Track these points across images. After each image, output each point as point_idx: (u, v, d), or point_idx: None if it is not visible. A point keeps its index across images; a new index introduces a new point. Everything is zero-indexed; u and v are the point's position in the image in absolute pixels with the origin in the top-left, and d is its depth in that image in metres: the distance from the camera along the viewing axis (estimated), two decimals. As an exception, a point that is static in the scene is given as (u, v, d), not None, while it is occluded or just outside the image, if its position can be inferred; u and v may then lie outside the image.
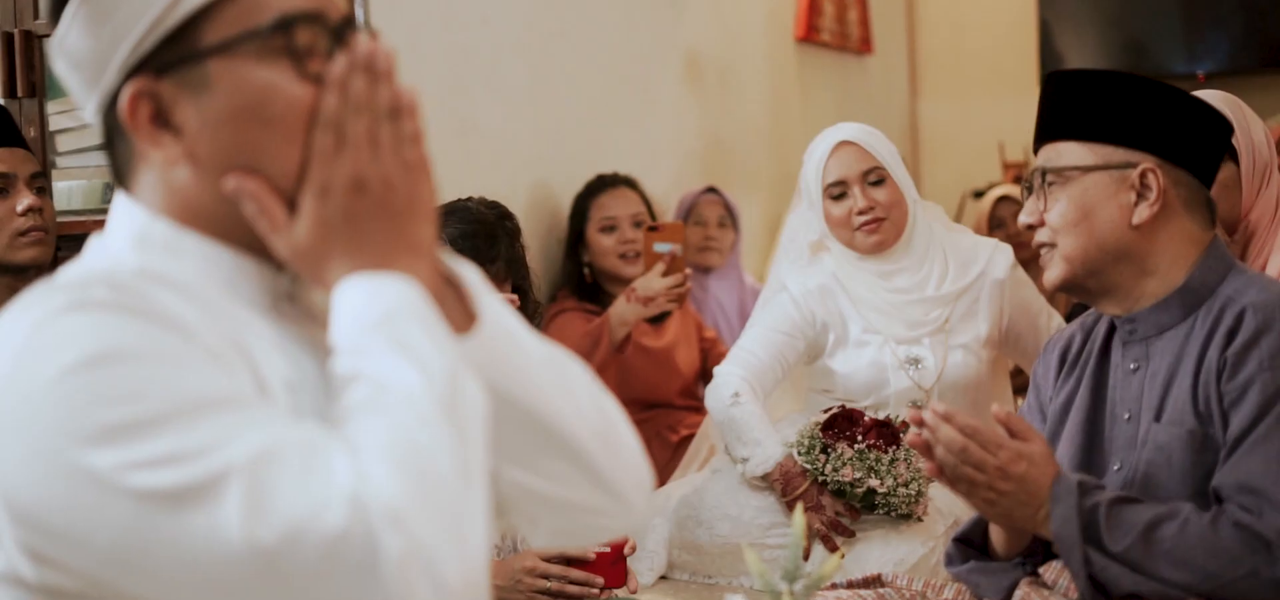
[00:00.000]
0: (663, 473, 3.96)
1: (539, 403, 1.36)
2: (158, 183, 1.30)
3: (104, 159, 1.37)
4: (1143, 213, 2.14)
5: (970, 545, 2.25)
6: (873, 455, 3.14)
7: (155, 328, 1.16)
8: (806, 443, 3.23)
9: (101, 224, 1.37)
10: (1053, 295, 4.99)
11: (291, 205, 1.27)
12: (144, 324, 1.16)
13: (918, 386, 3.39)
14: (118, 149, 1.33)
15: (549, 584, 2.74)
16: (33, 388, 1.14)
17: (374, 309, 1.22)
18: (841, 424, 3.20)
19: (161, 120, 1.28)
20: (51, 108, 3.64)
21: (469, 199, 3.22)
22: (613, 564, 2.76)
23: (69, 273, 1.28)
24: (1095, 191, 2.16)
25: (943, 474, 2.07)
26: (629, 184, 4.38)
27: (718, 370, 3.46)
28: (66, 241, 3.29)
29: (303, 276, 1.28)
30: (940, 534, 3.23)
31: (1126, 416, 2.17)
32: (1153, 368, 2.16)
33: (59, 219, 3.31)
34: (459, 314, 1.33)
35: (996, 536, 2.22)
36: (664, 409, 4.25)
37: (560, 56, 4.65)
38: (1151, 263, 2.16)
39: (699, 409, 4.26)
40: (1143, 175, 2.14)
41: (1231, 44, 7.12)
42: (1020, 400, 3.02)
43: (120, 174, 1.34)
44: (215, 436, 1.11)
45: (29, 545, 1.16)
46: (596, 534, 1.47)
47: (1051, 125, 2.21)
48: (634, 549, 2.89)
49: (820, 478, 3.18)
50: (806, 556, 3.17)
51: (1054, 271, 2.21)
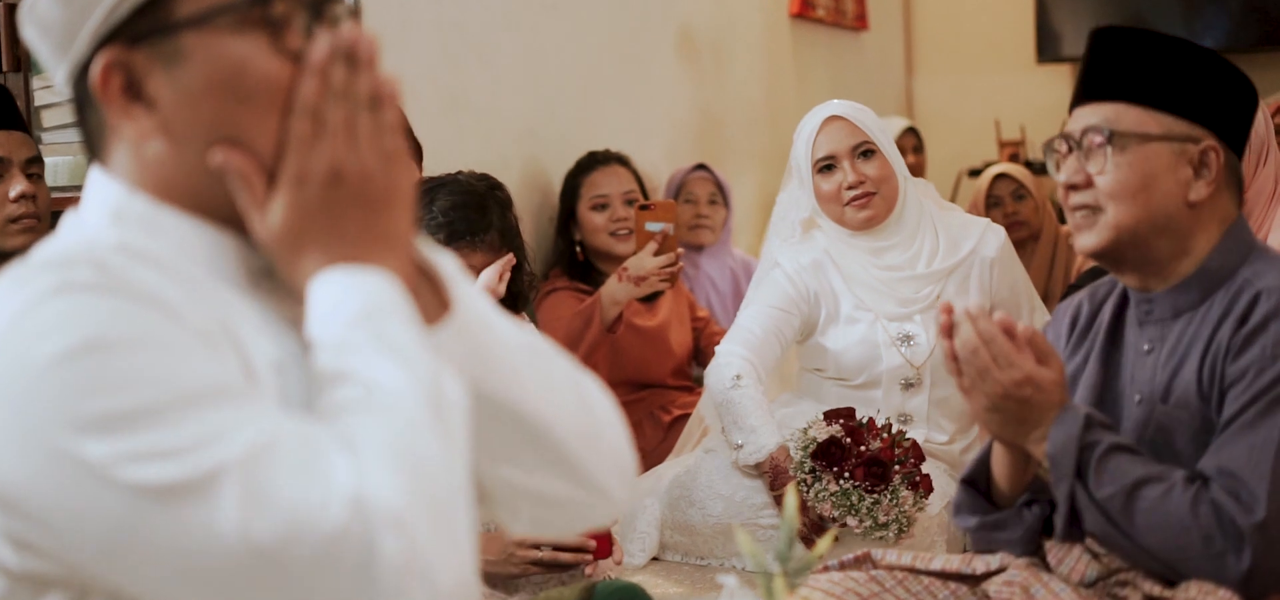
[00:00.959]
0: (655, 453, 3.96)
1: (516, 395, 1.35)
2: (131, 156, 1.29)
3: (86, 150, 1.36)
4: (1200, 191, 2.09)
5: (975, 488, 2.24)
6: (856, 495, 3.11)
7: (144, 310, 1.15)
8: (798, 454, 3.21)
9: (86, 200, 1.36)
10: (1055, 263, 5.01)
11: (271, 180, 1.26)
12: (132, 307, 1.15)
13: (909, 363, 3.39)
14: (89, 119, 1.31)
15: (540, 554, 2.74)
16: (22, 375, 1.12)
17: (353, 303, 1.21)
18: (834, 452, 3.16)
19: (134, 92, 1.26)
20: (36, 82, 3.62)
21: (459, 173, 3.22)
22: (600, 535, 2.78)
23: (47, 251, 1.26)
24: (1156, 162, 2.08)
25: (956, 366, 2.06)
26: (621, 161, 4.38)
27: (719, 349, 3.46)
28: (54, 218, 3.28)
29: (277, 264, 1.27)
30: (934, 513, 3.24)
31: (1137, 399, 2.15)
32: (1167, 350, 2.13)
33: (43, 195, 3.29)
34: (433, 304, 1.32)
35: (999, 469, 2.20)
36: (656, 389, 4.25)
37: (552, 30, 4.64)
38: (1191, 242, 2.11)
39: (691, 389, 4.26)
40: (1204, 153, 2.09)
41: (1230, 21, 7.12)
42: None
43: (92, 145, 1.33)
44: (211, 429, 1.11)
45: (13, 532, 1.15)
46: (577, 524, 1.47)
47: (1107, 84, 2.12)
48: (617, 521, 2.90)
49: (803, 491, 3.17)
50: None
51: (1095, 237, 2.12)
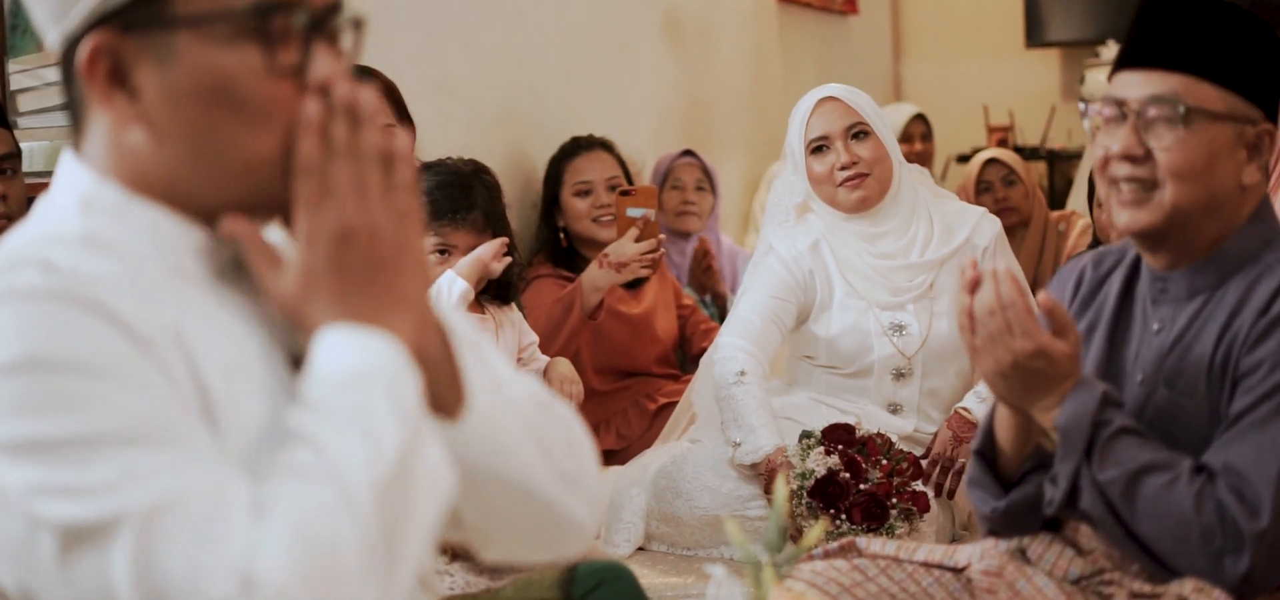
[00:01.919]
0: (641, 442, 3.97)
1: (517, 471, 1.37)
2: (107, 140, 1.29)
3: (66, 118, 1.36)
4: (1253, 174, 2.04)
5: (986, 462, 2.19)
6: (849, 528, 3.09)
7: (83, 325, 1.16)
8: (796, 482, 3.18)
9: (62, 186, 1.36)
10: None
11: (259, 199, 1.28)
12: (72, 320, 1.16)
13: (900, 353, 3.39)
14: (73, 90, 1.32)
15: None
16: None
17: (346, 365, 1.21)
18: (832, 493, 3.13)
19: (118, 78, 1.26)
20: (13, 66, 3.61)
21: (447, 158, 3.22)
22: None
23: (6, 243, 1.27)
24: (1221, 141, 2.01)
25: (971, 324, 2.02)
26: (604, 146, 4.37)
27: (721, 340, 3.46)
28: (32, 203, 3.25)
29: (289, 323, 1.28)
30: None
31: (1139, 379, 2.12)
32: (1177, 332, 2.09)
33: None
34: (449, 383, 1.33)
35: (1002, 432, 2.15)
36: (642, 378, 4.25)
37: (536, 14, 4.63)
38: (1231, 225, 2.06)
39: (677, 377, 4.26)
40: (1260, 136, 2.03)
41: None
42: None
43: (72, 116, 1.33)
44: (122, 473, 1.12)
45: None
46: (548, 555, 1.50)
47: (1174, 52, 2.03)
48: None
49: (792, 506, 3.16)
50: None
51: (1147, 215, 2.04)
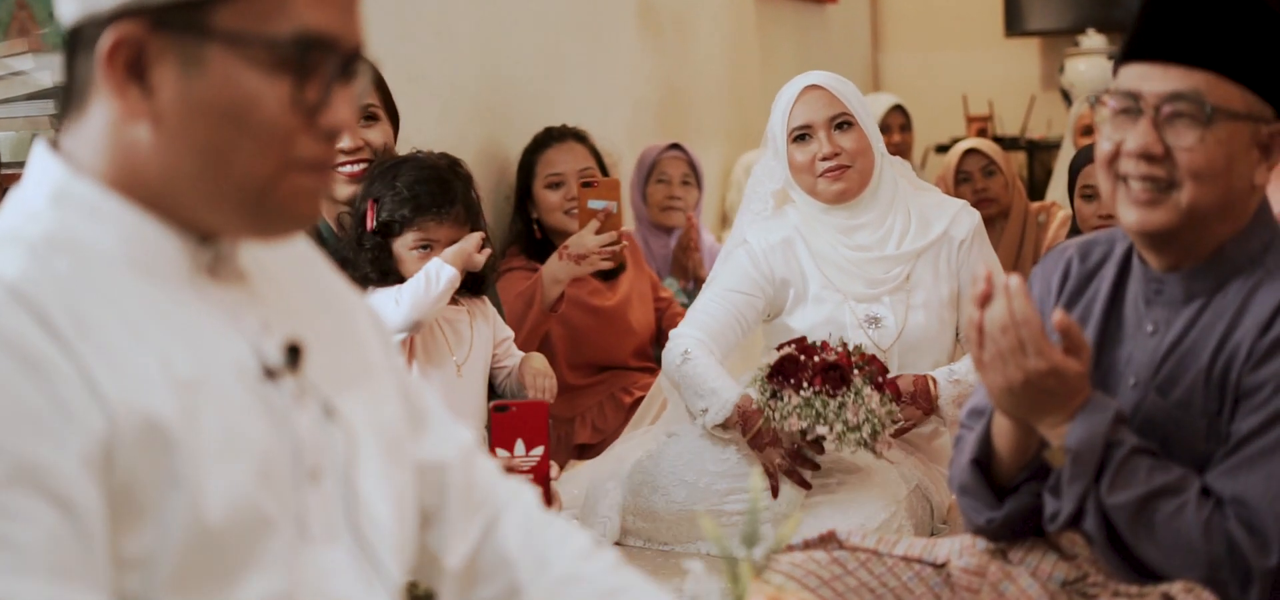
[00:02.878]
0: (616, 437, 3.95)
1: None
2: (106, 130, 1.29)
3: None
4: (1264, 174, 1.99)
5: (983, 473, 2.15)
6: (819, 401, 3.12)
7: (27, 401, 1.16)
8: (756, 387, 3.23)
9: (30, 178, 1.35)
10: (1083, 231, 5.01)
11: (240, 217, 1.30)
12: (17, 393, 1.15)
13: (876, 346, 3.39)
14: (79, 70, 1.31)
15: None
16: None
17: None
18: (789, 368, 3.19)
19: (136, 71, 1.26)
20: (-22, 56, 3.59)
21: (418, 151, 3.22)
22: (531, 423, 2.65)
23: None
24: (1239, 141, 1.96)
25: (979, 338, 1.98)
26: (577, 137, 4.36)
27: (672, 333, 3.47)
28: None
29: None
30: (902, 498, 3.25)
31: (1132, 382, 2.09)
32: (1173, 336, 2.06)
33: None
34: None
35: (1002, 443, 2.11)
36: (617, 371, 4.25)
37: (510, 3, 4.62)
38: (1240, 225, 2.02)
39: (654, 370, 4.25)
40: (1273, 136, 1.99)
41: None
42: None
43: (70, 92, 1.33)
44: None
45: None
46: None
47: (1195, 48, 1.96)
48: (557, 476, 2.94)
49: (771, 422, 3.19)
50: (775, 494, 3.19)
51: (1162, 216, 1.99)
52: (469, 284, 3.22)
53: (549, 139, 4.33)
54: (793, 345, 3.20)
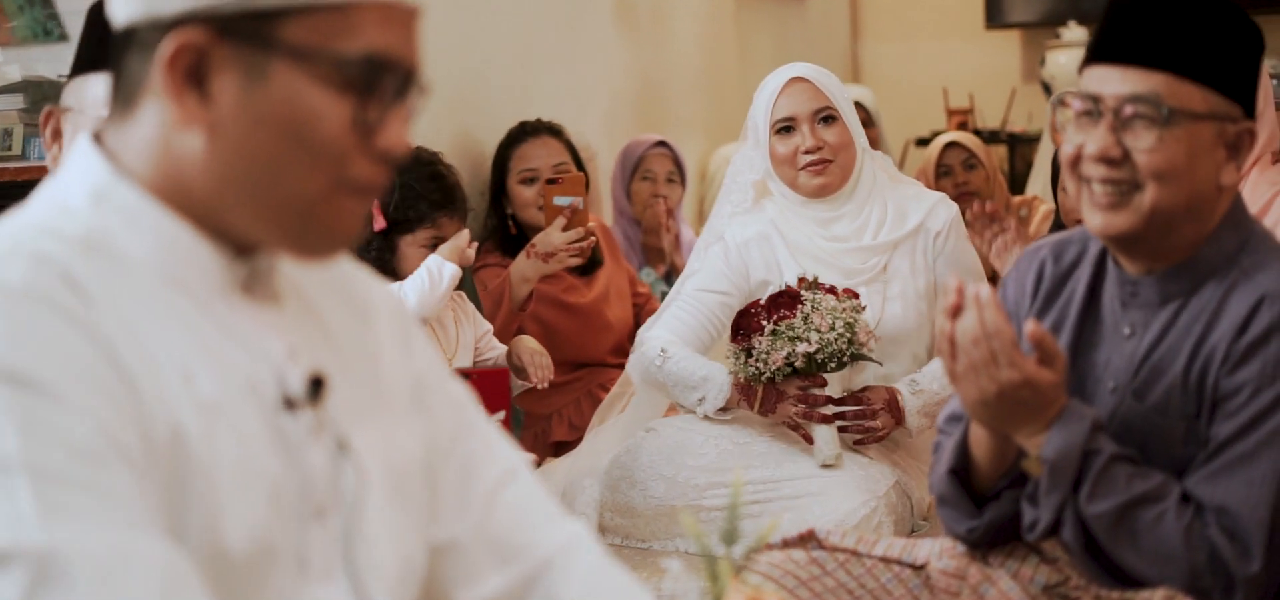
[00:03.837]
0: (593, 434, 3.96)
1: None
2: (153, 133, 1.28)
3: (111, 92, 1.34)
4: (1232, 175, 2.00)
5: (960, 482, 2.15)
6: (784, 326, 3.20)
7: (51, 337, 1.16)
8: (731, 361, 3.30)
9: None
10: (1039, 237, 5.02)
11: (283, 232, 1.29)
12: (43, 328, 1.16)
13: (854, 338, 3.41)
14: (133, 69, 1.30)
15: None
16: None
17: None
18: (743, 322, 3.27)
19: (196, 77, 1.25)
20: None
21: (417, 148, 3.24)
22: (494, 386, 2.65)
23: (7, 222, 1.27)
24: (1199, 141, 1.96)
25: (951, 350, 1.98)
26: (553, 132, 4.35)
27: (643, 334, 3.48)
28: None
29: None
30: (882, 493, 3.25)
31: (1111, 387, 2.09)
32: (1150, 339, 2.06)
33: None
34: None
35: (980, 453, 2.12)
36: (594, 368, 4.25)
37: (485, -5, 4.62)
38: (1207, 226, 2.02)
39: (632, 366, 4.25)
40: (1240, 135, 2.00)
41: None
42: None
43: (119, 89, 1.31)
44: (33, 507, 1.11)
45: None
46: None
47: (1152, 49, 1.97)
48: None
49: (761, 378, 3.24)
50: (810, 442, 3.27)
51: (1127, 219, 1.99)
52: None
53: (524, 133, 4.32)
54: (738, 315, 3.33)
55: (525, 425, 4.01)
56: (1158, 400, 2.03)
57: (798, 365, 3.22)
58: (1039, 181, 6.06)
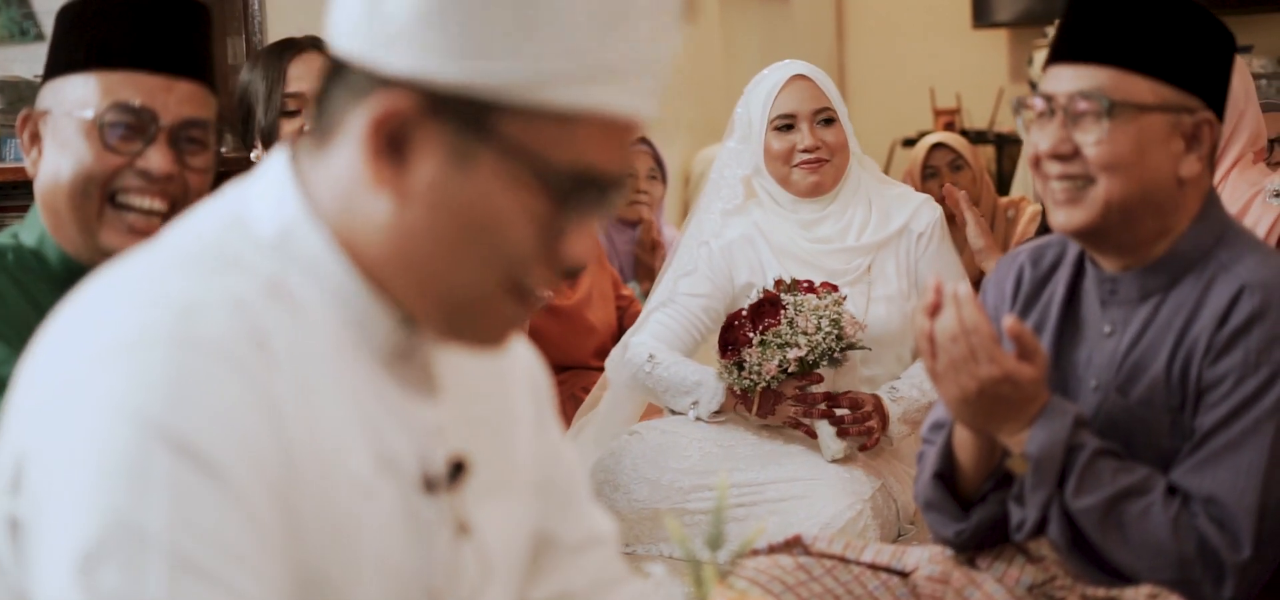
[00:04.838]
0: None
1: None
2: (343, 179, 1.24)
3: (312, 118, 1.29)
4: (1192, 166, 2.02)
5: (946, 485, 2.16)
6: (771, 334, 3.22)
7: (232, 406, 1.13)
8: (723, 375, 3.32)
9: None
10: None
11: (444, 321, 1.26)
12: (225, 395, 1.13)
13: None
14: (336, 105, 1.25)
15: None
16: (96, 415, 1.12)
17: None
18: (729, 336, 3.29)
19: (396, 143, 1.20)
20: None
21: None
22: None
23: (202, 246, 1.24)
24: (1151, 133, 2.00)
25: (930, 348, 2.00)
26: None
27: (628, 339, 3.49)
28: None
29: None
30: (868, 496, 3.25)
31: (1093, 385, 2.11)
32: (1130, 336, 2.08)
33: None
34: None
35: (964, 455, 2.13)
36: (577, 371, 4.25)
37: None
38: (1173, 219, 2.04)
39: (616, 370, 4.26)
40: (1198, 126, 2.02)
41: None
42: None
43: (323, 125, 1.26)
44: (163, 595, 1.08)
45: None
46: None
47: (1097, 45, 2.02)
48: None
49: (756, 387, 3.27)
50: (813, 436, 3.30)
51: (1083, 213, 2.02)
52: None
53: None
54: (720, 330, 3.35)
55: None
56: (1141, 395, 2.05)
57: (791, 370, 3.24)
58: (1024, 182, 6.07)
